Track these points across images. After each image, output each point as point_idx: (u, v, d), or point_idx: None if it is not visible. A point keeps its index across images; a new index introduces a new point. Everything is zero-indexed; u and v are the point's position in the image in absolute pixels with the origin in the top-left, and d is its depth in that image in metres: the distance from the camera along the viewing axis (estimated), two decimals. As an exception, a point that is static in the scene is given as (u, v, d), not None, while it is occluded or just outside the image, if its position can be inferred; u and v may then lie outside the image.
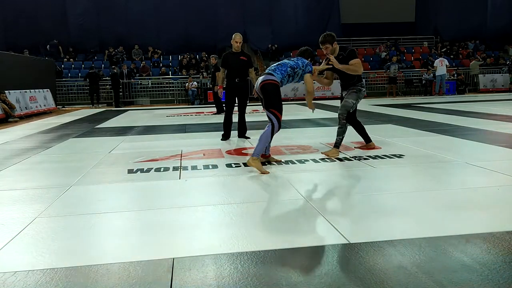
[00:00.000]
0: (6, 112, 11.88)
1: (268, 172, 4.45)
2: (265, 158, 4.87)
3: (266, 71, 4.72)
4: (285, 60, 4.84)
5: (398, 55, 21.57)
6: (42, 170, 5.04)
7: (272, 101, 4.53)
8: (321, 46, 5.23)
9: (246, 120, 7.17)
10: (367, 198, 3.50)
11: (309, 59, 4.90)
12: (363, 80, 5.44)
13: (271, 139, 4.60)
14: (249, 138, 7.02)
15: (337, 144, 5.32)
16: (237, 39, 6.88)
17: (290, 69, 4.68)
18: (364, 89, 5.40)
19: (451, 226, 2.76)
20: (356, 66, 5.14)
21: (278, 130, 4.57)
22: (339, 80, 5.46)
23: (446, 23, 23.94)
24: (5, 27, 20.97)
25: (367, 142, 5.68)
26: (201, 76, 19.40)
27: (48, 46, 20.00)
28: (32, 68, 15.53)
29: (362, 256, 2.34)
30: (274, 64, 4.82)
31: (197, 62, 20.96)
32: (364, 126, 5.67)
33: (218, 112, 12.10)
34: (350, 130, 5.59)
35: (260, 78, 4.66)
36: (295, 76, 4.74)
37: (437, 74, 18.33)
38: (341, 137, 5.31)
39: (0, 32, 20.92)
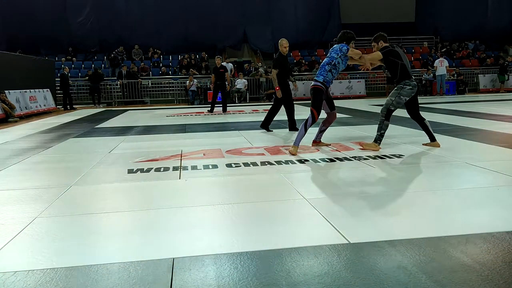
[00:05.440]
0: (6, 112, 11.88)
1: (296, 154, 5.35)
2: (316, 144, 5.95)
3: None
4: (324, 60, 5.61)
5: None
6: (42, 170, 5.04)
7: (312, 102, 5.53)
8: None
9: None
10: (367, 198, 3.50)
11: (344, 42, 5.56)
12: (412, 77, 5.52)
13: (306, 131, 5.51)
14: (272, 131, 7.74)
15: (376, 139, 5.50)
16: (285, 44, 7.56)
17: (327, 66, 5.49)
18: (409, 87, 5.39)
19: (451, 226, 2.76)
20: (364, 56, 5.62)
21: (312, 124, 5.51)
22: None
23: (446, 23, 23.91)
24: (5, 27, 20.96)
25: (432, 141, 5.61)
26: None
27: None
28: (32, 68, 15.52)
29: (362, 256, 2.33)
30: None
31: (196, 62, 20.94)
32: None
33: (211, 111, 12.78)
34: (350, 130, 5.57)
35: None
36: (337, 66, 5.50)
37: (437, 74, 18.40)
38: (379, 133, 5.46)
39: (0, 32, 20.90)
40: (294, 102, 7.90)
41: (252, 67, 20.46)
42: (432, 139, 5.62)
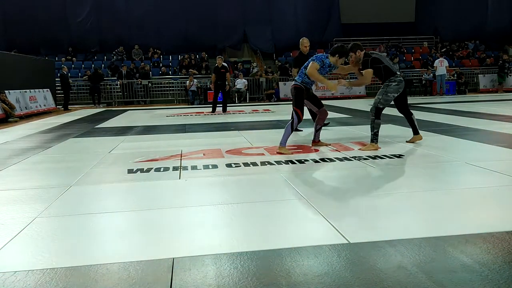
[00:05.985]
0: (6, 112, 11.88)
1: (292, 153, 5.40)
2: (315, 144, 5.94)
3: None
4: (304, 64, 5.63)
5: (396, 55, 21.57)
6: (42, 170, 5.04)
7: (295, 101, 5.56)
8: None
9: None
10: (367, 198, 3.50)
11: (336, 55, 5.46)
12: (398, 73, 5.65)
13: (292, 131, 5.52)
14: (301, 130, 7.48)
15: (372, 140, 5.56)
16: (305, 44, 7.55)
17: (304, 69, 5.52)
18: (394, 83, 5.52)
19: (451, 226, 2.76)
20: (362, 78, 5.64)
21: (298, 124, 5.53)
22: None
23: (446, 23, 23.89)
24: (5, 27, 20.95)
25: (415, 134, 5.85)
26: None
27: None
28: (32, 68, 15.51)
29: (362, 256, 2.33)
30: None
31: (196, 62, 20.93)
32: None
33: (213, 111, 12.81)
34: (350, 130, 5.58)
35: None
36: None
37: (437, 74, 18.41)
38: (372, 132, 5.53)
39: (0, 32, 20.89)
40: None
41: (252, 67, 20.46)
42: (416, 132, 5.85)
